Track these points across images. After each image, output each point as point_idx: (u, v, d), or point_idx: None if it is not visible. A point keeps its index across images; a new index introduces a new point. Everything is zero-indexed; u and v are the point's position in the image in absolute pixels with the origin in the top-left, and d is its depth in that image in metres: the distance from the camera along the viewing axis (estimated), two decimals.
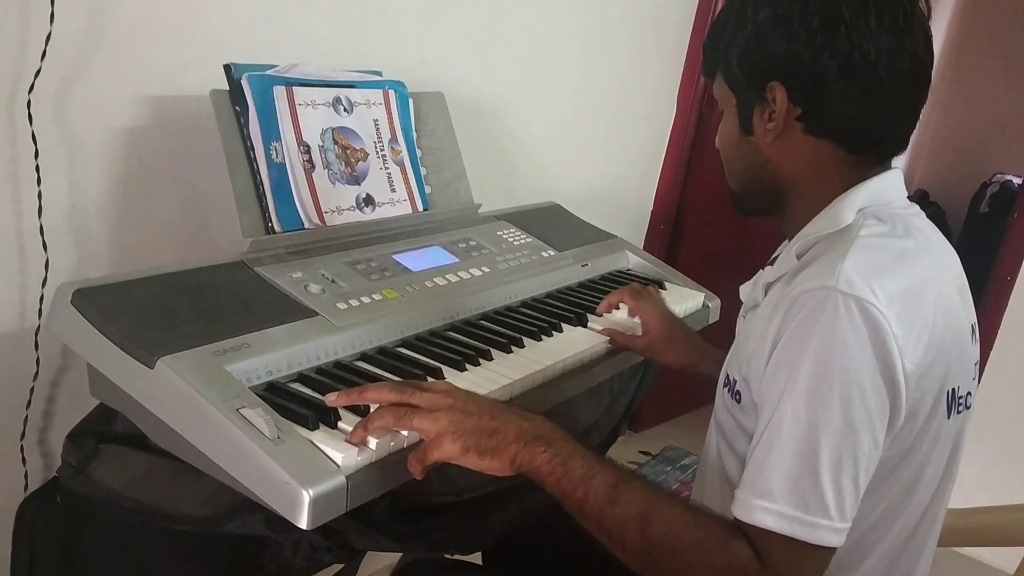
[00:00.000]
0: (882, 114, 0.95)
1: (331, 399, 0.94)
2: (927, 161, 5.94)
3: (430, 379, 1.08)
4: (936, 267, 0.95)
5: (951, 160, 5.78)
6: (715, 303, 1.65)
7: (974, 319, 1.02)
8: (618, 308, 1.42)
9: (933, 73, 0.97)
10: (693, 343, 1.35)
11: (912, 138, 0.99)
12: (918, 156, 5.91)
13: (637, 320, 1.37)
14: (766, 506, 0.83)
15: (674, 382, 2.44)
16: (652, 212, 2.77)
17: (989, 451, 2.54)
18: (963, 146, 5.69)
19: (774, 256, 1.07)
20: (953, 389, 0.93)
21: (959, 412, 0.96)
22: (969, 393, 0.98)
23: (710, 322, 1.63)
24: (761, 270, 1.08)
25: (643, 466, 2.85)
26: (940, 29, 5.37)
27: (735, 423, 1.00)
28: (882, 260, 0.89)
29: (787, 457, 0.83)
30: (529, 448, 0.88)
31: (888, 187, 0.99)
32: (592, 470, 0.88)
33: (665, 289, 1.63)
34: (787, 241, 1.06)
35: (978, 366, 1.02)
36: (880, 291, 0.84)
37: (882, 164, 1.01)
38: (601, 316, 1.40)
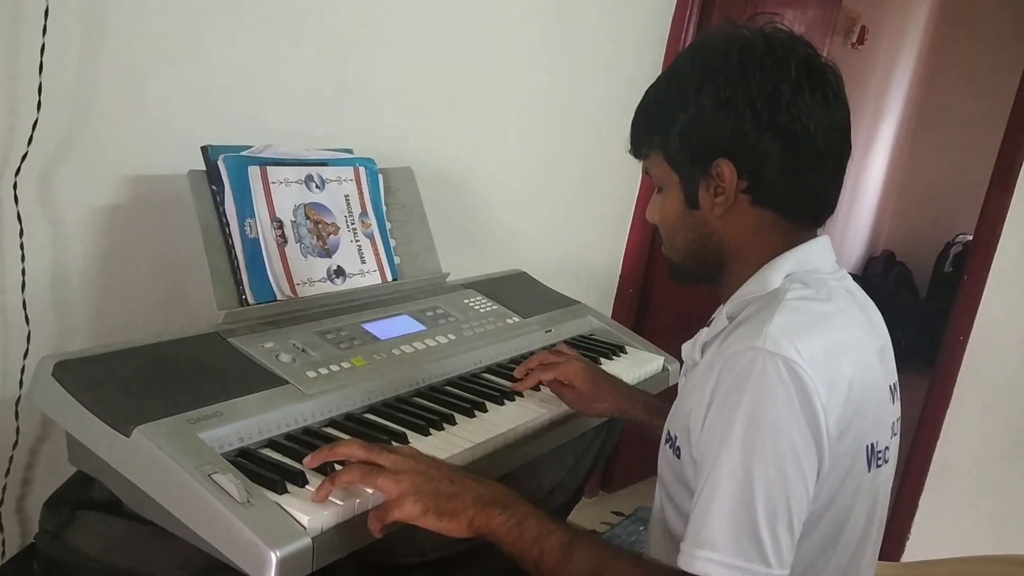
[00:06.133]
0: (821, 182, 1.03)
1: (307, 462, 1.00)
2: (893, 222, 6.10)
3: (395, 444, 1.14)
4: (855, 329, 1.01)
5: (916, 221, 5.94)
6: (674, 366, 1.71)
7: (894, 379, 1.08)
8: (538, 389, 1.42)
9: (896, 138, 1.03)
10: (620, 391, 1.39)
11: (879, 201, 1.05)
12: (884, 218, 6.07)
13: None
14: (708, 556, 0.88)
15: (646, 442, 2.48)
16: (620, 277, 2.85)
17: (945, 505, 2.61)
18: (927, 208, 5.86)
19: (711, 318, 1.14)
20: (872, 444, 0.99)
21: (879, 466, 1.02)
22: (887, 448, 1.04)
23: (670, 384, 1.69)
24: (701, 330, 1.13)
25: (616, 526, 2.87)
26: (900, 95, 5.56)
27: (675, 478, 1.05)
28: (805, 321, 0.95)
29: (726, 509, 0.88)
30: (486, 511, 0.94)
31: (814, 254, 1.06)
32: (546, 530, 0.93)
33: (626, 353, 1.69)
34: (722, 304, 1.12)
35: (899, 423, 1.08)
36: (804, 350, 0.90)
37: (815, 228, 1.08)
38: (522, 395, 1.40)
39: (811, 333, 0.93)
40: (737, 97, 0.98)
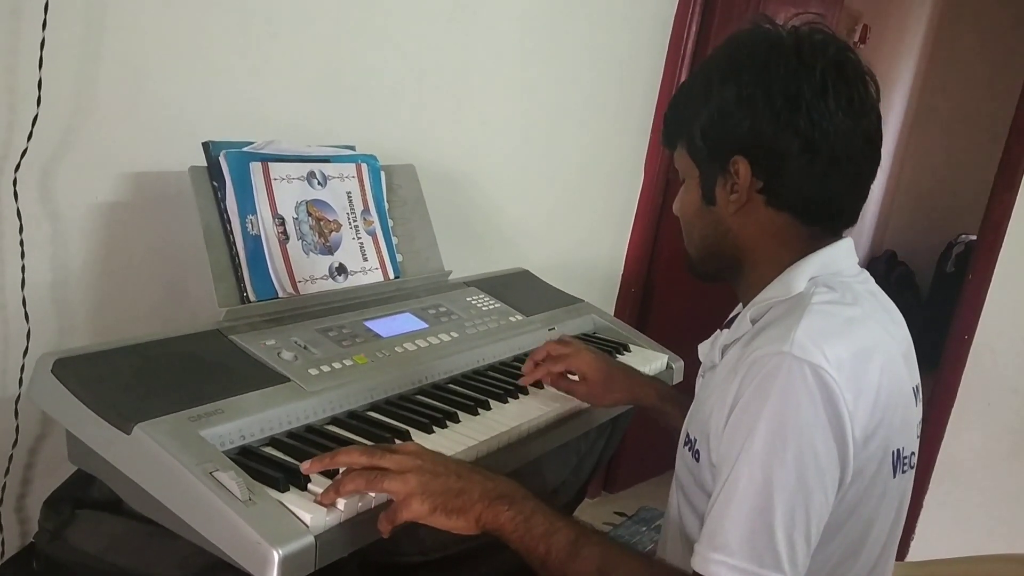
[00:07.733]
0: (838, 189, 1.01)
1: (305, 467, 0.98)
2: (896, 223, 6.09)
3: (398, 442, 1.12)
4: (882, 333, 0.99)
5: (919, 222, 5.93)
6: (678, 364, 1.70)
7: (917, 381, 1.06)
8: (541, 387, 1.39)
9: (898, 138, 1.02)
10: (633, 378, 1.38)
11: (880, 201, 1.04)
12: (887, 218, 6.05)
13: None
14: (722, 560, 0.87)
15: (649, 443, 2.47)
16: (623, 276, 2.84)
17: (949, 506, 2.60)
18: (929, 208, 5.85)
19: (730, 318, 1.12)
20: (898, 450, 0.98)
21: (904, 472, 1.01)
22: (913, 453, 1.03)
23: (673, 383, 1.68)
24: (718, 331, 1.12)
25: (618, 527, 2.86)
26: (903, 94, 5.54)
27: (694, 481, 1.04)
28: (832, 326, 0.93)
29: (743, 513, 0.87)
30: (493, 507, 0.93)
31: (838, 257, 1.04)
32: (553, 527, 0.92)
33: (630, 351, 1.68)
34: (741, 305, 1.11)
35: (920, 426, 1.07)
36: (831, 356, 0.89)
37: (834, 235, 1.06)
38: (527, 392, 1.38)
39: (839, 338, 0.92)
40: (757, 95, 0.97)
